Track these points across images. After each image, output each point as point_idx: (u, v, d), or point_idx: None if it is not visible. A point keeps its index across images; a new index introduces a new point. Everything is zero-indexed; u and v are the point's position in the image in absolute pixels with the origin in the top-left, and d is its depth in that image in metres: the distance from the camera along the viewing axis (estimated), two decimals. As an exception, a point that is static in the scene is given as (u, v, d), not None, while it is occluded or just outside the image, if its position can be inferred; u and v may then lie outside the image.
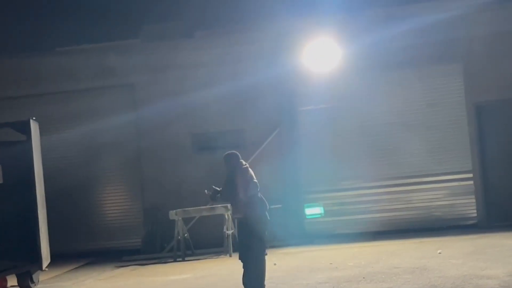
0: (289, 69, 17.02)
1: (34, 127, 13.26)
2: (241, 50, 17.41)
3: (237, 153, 9.97)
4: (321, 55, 16.99)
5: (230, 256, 15.37)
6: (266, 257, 9.61)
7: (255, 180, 9.74)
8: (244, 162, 9.88)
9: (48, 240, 13.44)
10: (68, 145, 18.25)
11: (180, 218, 16.01)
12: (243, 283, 9.41)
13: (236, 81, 16.95)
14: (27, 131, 13.13)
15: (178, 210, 16.11)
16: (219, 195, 9.97)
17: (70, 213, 17.98)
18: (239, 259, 9.56)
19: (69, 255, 16.82)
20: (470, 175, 16.61)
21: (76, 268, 16.06)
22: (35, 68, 18.42)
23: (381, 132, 17.08)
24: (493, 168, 16.62)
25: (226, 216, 15.73)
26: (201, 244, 16.38)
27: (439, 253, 12.73)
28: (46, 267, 13.40)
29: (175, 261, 15.70)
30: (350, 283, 10.50)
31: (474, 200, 16.59)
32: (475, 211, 16.57)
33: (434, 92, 16.94)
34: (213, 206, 15.90)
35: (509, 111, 16.54)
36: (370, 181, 17.12)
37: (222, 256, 15.65)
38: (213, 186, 10.07)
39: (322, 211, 7.79)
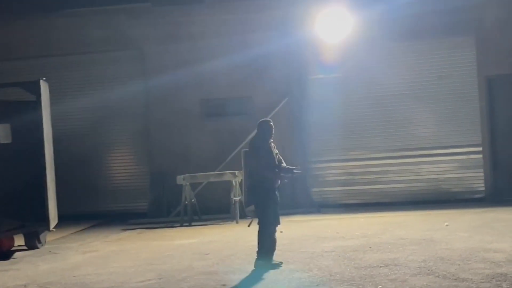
0: (300, 38, 16.88)
1: (44, 87, 13.25)
2: (251, 18, 17.24)
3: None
4: (332, 24, 16.82)
5: (237, 222, 15.40)
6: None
7: None
8: None
9: (55, 201, 13.50)
10: (77, 108, 18.20)
11: (187, 183, 16.03)
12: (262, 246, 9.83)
13: (246, 50, 16.83)
14: (36, 91, 13.13)
15: (186, 175, 16.13)
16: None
17: (78, 175, 18.00)
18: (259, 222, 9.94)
19: (76, 217, 16.89)
20: (479, 149, 16.55)
21: (83, 229, 16.14)
22: (45, 30, 18.30)
23: (391, 103, 17.01)
24: (503, 142, 16.55)
25: (234, 183, 15.76)
26: (208, 209, 16.41)
27: (446, 225, 12.73)
28: (54, 228, 13.49)
29: (181, 225, 15.75)
30: (356, 252, 10.52)
31: (482, 174, 16.55)
32: (483, 184, 16.54)
33: (446, 64, 16.83)
34: (221, 173, 15.98)
35: (521, 85, 16.45)
36: (378, 152, 17.09)
37: (228, 222, 15.69)
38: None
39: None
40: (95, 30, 17.95)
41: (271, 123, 10.26)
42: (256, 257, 9.83)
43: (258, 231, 9.95)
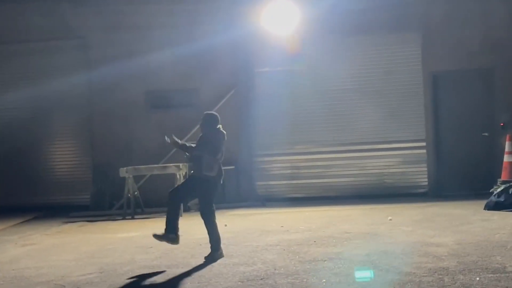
0: (246, 31, 16.78)
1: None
2: (198, 9, 17.05)
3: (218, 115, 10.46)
4: (279, 17, 16.77)
5: (181, 216, 15.19)
6: (219, 219, 10.17)
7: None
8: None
9: (-7, 193, 13.18)
10: (17, 98, 17.78)
11: (130, 176, 15.80)
12: (216, 238, 9.96)
13: (193, 42, 16.67)
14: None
15: (129, 167, 15.89)
16: (188, 145, 10.50)
17: (19, 167, 17.63)
18: (206, 214, 9.99)
19: (16, 209, 16.53)
20: (423, 144, 16.71)
21: (23, 222, 15.76)
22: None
23: (337, 97, 17.04)
24: (446, 138, 16.75)
25: (178, 176, 15.59)
26: (151, 202, 16.21)
27: (390, 219, 12.81)
28: (-8, 220, 13.19)
29: (124, 218, 15.52)
30: (301, 246, 10.49)
31: (426, 169, 16.71)
32: (426, 179, 16.70)
33: (392, 59, 16.92)
34: (165, 165, 15.80)
35: (465, 81, 16.62)
36: (324, 146, 17.12)
37: (172, 215, 15.49)
38: (173, 136, 10.55)
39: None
40: (36, 18, 17.50)
41: (212, 113, 10.62)
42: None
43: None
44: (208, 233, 9.98)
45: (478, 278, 7.81)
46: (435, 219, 12.69)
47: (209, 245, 9.97)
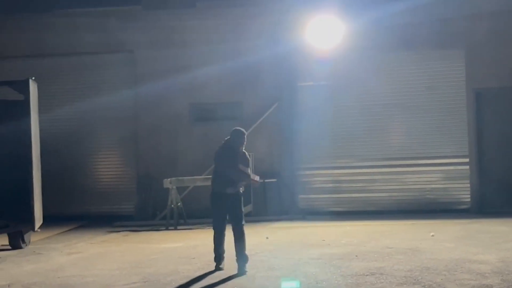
0: (290, 45, 16.89)
1: (32, 87, 13.21)
2: (243, 24, 17.25)
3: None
4: (323, 32, 16.86)
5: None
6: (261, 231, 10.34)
7: None
8: None
9: (41, 202, 13.45)
10: (66, 110, 18.14)
11: (174, 187, 16.00)
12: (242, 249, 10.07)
13: (237, 57, 16.86)
14: (25, 90, 13.08)
15: (173, 178, 16.10)
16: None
17: (66, 176, 17.94)
18: (238, 228, 10.16)
19: (62, 217, 16.81)
20: (466, 160, 16.62)
21: (68, 231, 16.06)
22: (35, 30, 18.20)
23: (379, 112, 17.06)
24: (489, 155, 16.64)
25: (220, 188, 15.70)
26: (194, 214, 16.37)
27: (432, 235, 12.76)
28: (38, 228, 13.46)
29: (167, 229, 15.71)
30: (342, 260, 10.52)
31: (468, 185, 16.62)
32: (468, 196, 16.60)
33: (435, 75, 16.90)
34: (208, 177, 15.98)
35: (508, 99, 16.52)
36: (366, 161, 17.13)
37: (214, 227, 15.62)
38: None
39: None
40: (86, 32, 17.90)
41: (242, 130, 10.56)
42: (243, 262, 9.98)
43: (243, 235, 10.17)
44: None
45: (521, 296, 7.78)
46: (478, 236, 12.61)
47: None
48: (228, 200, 10.14)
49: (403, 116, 16.94)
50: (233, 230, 10.21)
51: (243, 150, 10.33)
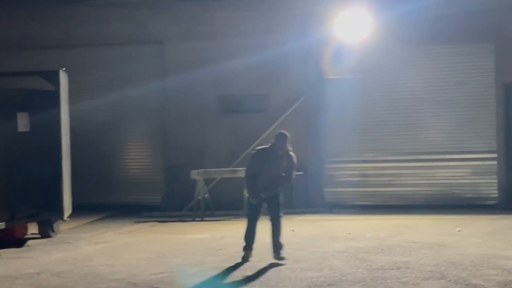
0: (318, 38, 16.87)
1: (63, 77, 13.35)
2: (271, 16, 17.26)
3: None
4: (351, 25, 16.82)
5: (249, 219, 15.44)
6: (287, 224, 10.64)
7: None
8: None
9: (70, 191, 13.60)
10: (95, 99, 18.29)
11: (201, 178, 16.10)
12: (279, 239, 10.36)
13: (266, 50, 16.88)
14: (56, 81, 13.21)
15: (200, 170, 16.21)
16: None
17: (94, 166, 18.11)
18: (276, 221, 10.39)
19: (90, 207, 16.96)
20: (494, 155, 16.51)
21: (96, 220, 16.22)
22: (66, 19, 18.37)
23: (407, 106, 17.00)
24: (517, 150, 16.53)
25: (247, 180, 15.79)
26: (221, 205, 16.47)
27: (458, 231, 12.73)
28: (67, 218, 13.61)
29: (194, 220, 15.82)
30: (368, 254, 10.54)
31: (496, 181, 16.52)
32: (496, 191, 16.50)
33: (464, 69, 16.79)
34: (235, 169, 16.13)
35: (538, 94, 16.41)
36: (393, 155, 17.10)
37: (241, 218, 15.69)
38: None
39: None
40: (116, 23, 18.01)
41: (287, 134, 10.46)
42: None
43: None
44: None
45: (548, 293, 7.76)
46: (505, 231, 12.56)
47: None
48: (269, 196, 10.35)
49: (431, 111, 16.85)
50: (272, 222, 10.36)
51: (290, 153, 10.38)
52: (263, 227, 10.44)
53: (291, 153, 10.38)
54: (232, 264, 10.13)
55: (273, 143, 10.29)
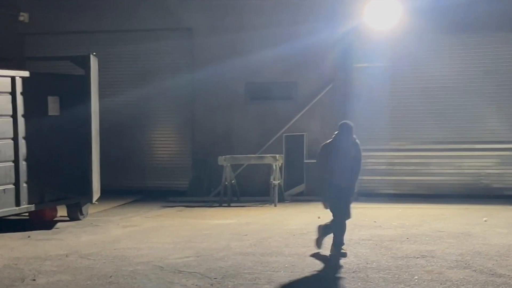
0: (347, 26, 16.84)
1: (93, 62, 13.46)
2: (300, 5, 17.21)
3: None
4: (380, 13, 16.74)
5: (275, 205, 15.55)
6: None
7: None
8: None
9: (99, 175, 13.76)
10: (124, 84, 18.45)
11: (228, 164, 16.19)
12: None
13: (294, 38, 16.87)
14: (86, 65, 13.33)
15: (227, 156, 16.30)
16: None
17: (122, 150, 18.23)
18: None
19: (119, 191, 17.14)
20: (522, 145, 16.44)
21: (124, 204, 16.40)
22: (95, 4, 18.48)
23: (435, 95, 16.91)
24: (547, 140, 16.41)
25: (274, 166, 15.88)
26: (247, 191, 16.57)
27: (485, 220, 12.70)
28: (96, 201, 13.78)
29: (220, 206, 15.93)
30: (393, 242, 10.58)
31: (524, 171, 16.45)
32: (523, 182, 16.43)
33: (493, 58, 16.66)
34: (262, 156, 16.22)
35: None
36: (420, 144, 17.04)
37: (267, 205, 15.82)
38: None
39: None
40: (145, 7, 18.10)
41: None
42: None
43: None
44: None
45: None
46: (532, 222, 12.52)
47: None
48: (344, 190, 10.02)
49: (460, 99, 16.77)
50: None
51: (357, 141, 10.03)
52: (289, 214, 10.49)
53: (357, 141, 10.02)
54: (258, 250, 10.21)
55: (337, 135, 9.91)
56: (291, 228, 12.15)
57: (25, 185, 12.48)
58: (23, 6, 18.53)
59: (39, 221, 13.11)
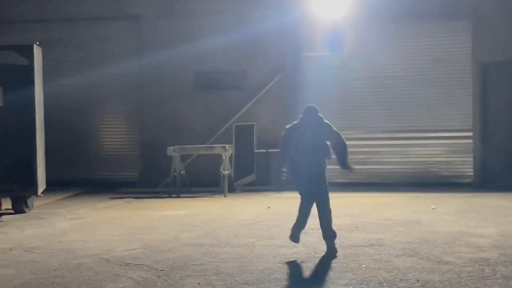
0: (296, 16, 16.83)
1: (37, 51, 13.20)
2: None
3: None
4: (329, 2, 16.76)
5: (225, 196, 15.46)
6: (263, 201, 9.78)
7: None
8: None
9: (44, 166, 13.51)
10: (69, 73, 18.16)
11: (177, 155, 16.04)
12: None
13: (243, 27, 16.80)
14: (30, 55, 13.07)
15: (176, 146, 16.15)
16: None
17: (70, 142, 18.00)
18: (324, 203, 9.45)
19: (65, 183, 16.90)
20: (470, 134, 16.61)
21: (71, 196, 16.16)
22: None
23: (384, 84, 17.02)
24: (493, 129, 16.61)
25: (224, 156, 15.78)
26: (197, 182, 16.46)
27: (433, 208, 12.80)
28: (42, 193, 13.53)
29: (170, 197, 15.79)
30: (342, 231, 10.52)
31: (471, 159, 16.63)
32: (471, 170, 16.61)
33: (441, 47, 16.84)
34: (212, 146, 16.06)
35: (514, 73, 16.49)
36: (370, 132, 17.12)
37: (217, 195, 15.73)
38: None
39: None
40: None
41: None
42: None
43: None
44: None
45: (518, 271, 7.81)
46: (479, 210, 12.63)
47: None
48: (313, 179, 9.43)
49: (409, 88, 16.91)
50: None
51: (325, 121, 9.57)
52: (240, 204, 10.40)
53: (326, 121, 9.58)
54: (207, 240, 10.11)
55: (300, 118, 9.54)
56: (241, 218, 12.08)
57: (-32, 177, 12.22)
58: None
59: (-17, 214, 12.84)
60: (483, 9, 16.33)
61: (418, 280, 7.49)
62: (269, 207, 13.32)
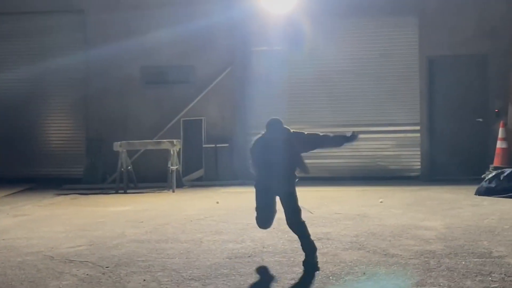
0: (244, 9, 16.77)
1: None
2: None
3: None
4: (277, -4, 16.77)
5: (173, 191, 15.33)
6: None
7: None
8: None
9: (-14, 163, 13.23)
10: (12, 67, 17.81)
11: (124, 150, 15.85)
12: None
13: (190, 21, 16.66)
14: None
15: (123, 142, 15.95)
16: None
17: (13, 138, 17.64)
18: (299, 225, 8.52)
19: (10, 180, 16.57)
20: (417, 128, 16.75)
21: (16, 193, 15.84)
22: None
23: (333, 78, 17.05)
24: (440, 123, 16.79)
25: (171, 151, 15.65)
26: (145, 178, 16.29)
27: (381, 202, 12.88)
28: (-16, 190, 13.24)
29: (116, 192, 15.59)
30: (290, 225, 10.51)
31: (419, 153, 16.78)
32: (419, 163, 16.76)
33: (388, 42, 16.94)
34: (159, 141, 15.88)
35: (460, 67, 16.66)
36: (319, 127, 16.99)
37: (165, 191, 15.60)
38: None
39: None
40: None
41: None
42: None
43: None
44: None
45: (463, 262, 7.87)
46: (426, 202, 12.75)
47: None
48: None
49: (356, 83, 16.97)
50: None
51: (293, 131, 8.84)
52: (187, 199, 10.29)
53: (293, 131, 8.83)
54: (153, 236, 9.99)
55: (264, 134, 8.72)
56: (189, 214, 11.97)
57: None
58: None
59: None
60: (429, 3, 16.50)
61: (364, 273, 7.51)
62: (217, 202, 13.24)
